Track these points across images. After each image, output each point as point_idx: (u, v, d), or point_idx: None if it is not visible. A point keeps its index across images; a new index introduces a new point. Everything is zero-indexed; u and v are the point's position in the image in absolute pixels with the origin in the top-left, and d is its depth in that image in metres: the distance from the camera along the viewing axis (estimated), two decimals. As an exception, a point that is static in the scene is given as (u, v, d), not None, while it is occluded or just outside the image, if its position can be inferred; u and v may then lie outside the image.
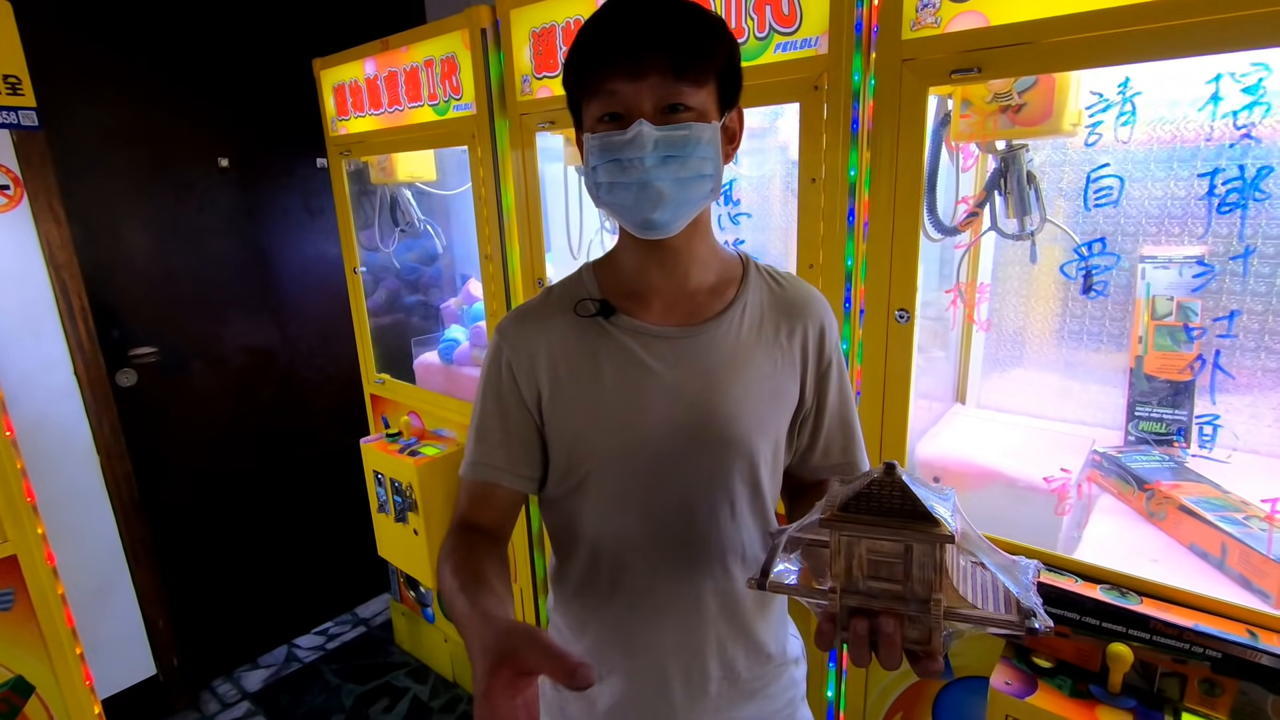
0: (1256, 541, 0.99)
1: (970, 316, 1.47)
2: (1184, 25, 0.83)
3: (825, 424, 0.89)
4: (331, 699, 2.38)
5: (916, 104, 1.05)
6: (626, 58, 0.69)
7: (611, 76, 0.69)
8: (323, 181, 2.52)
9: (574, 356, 0.81)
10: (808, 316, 0.86)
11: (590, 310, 0.81)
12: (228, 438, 2.45)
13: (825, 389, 0.88)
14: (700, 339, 0.81)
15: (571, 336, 0.81)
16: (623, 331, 0.81)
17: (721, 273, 0.85)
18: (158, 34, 2.13)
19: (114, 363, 2.14)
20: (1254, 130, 0.99)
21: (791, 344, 0.85)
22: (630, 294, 0.82)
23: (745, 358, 0.82)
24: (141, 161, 2.16)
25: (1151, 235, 1.29)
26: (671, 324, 0.81)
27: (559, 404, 0.81)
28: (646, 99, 0.70)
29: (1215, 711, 0.92)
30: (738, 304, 0.83)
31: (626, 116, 0.70)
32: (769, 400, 0.84)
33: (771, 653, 0.92)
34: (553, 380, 0.81)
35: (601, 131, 0.72)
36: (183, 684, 2.39)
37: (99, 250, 2.09)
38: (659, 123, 0.70)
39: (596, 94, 0.71)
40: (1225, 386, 1.24)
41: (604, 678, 0.88)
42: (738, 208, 1.57)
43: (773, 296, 0.86)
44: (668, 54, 0.69)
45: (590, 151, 0.74)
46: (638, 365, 0.79)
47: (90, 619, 2.09)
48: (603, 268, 0.87)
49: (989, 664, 1.07)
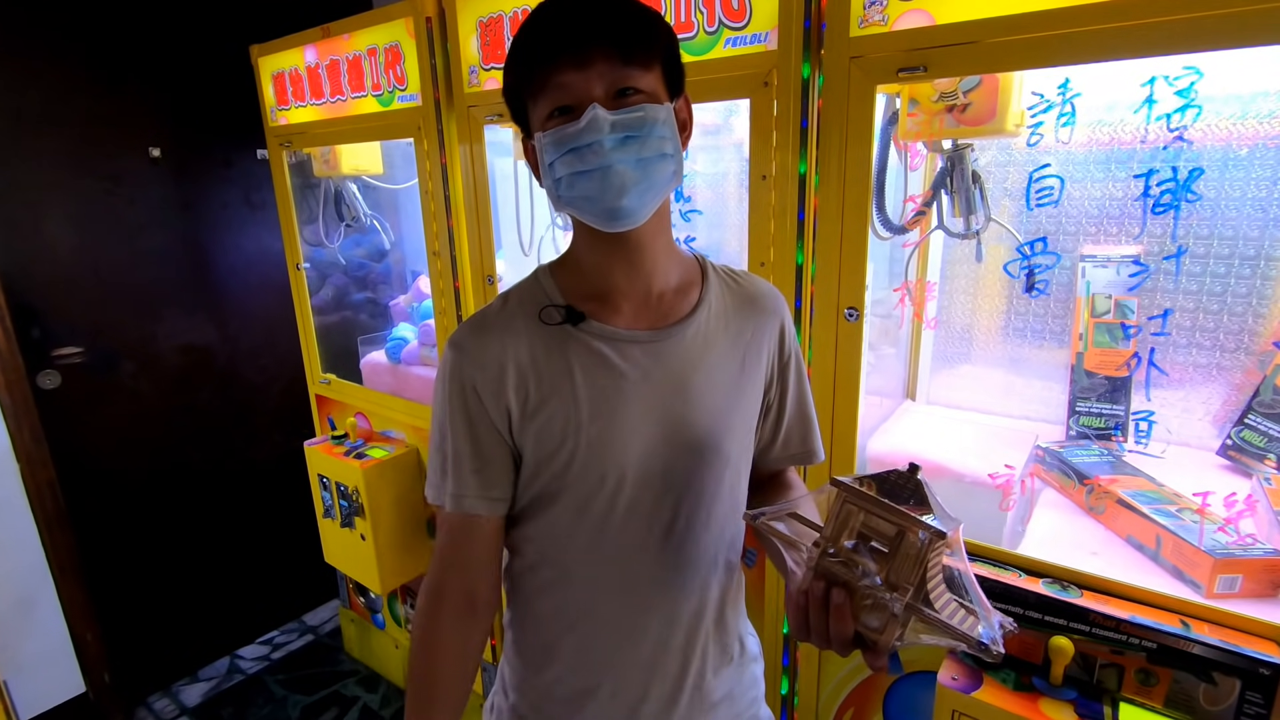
0: (1189, 533, 1.02)
1: (919, 314, 1.49)
2: (1122, 28, 0.85)
3: (786, 417, 0.90)
4: (277, 711, 2.29)
5: (864, 102, 1.05)
6: (570, 49, 0.67)
7: (557, 69, 0.67)
8: (264, 174, 2.41)
9: (542, 366, 0.77)
10: (767, 313, 0.86)
11: (557, 318, 0.78)
12: (163, 441, 2.34)
13: (786, 382, 0.89)
14: (671, 342, 0.79)
15: (539, 346, 0.77)
16: (593, 337, 0.77)
17: (683, 273, 0.83)
18: (79, 13, 2.01)
19: (35, 364, 2.02)
20: (1186, 133, 1.01)
21: (755, 341, 0.84)
22: (594, 297, 0.79)
23: (714, 360, 0.81)
24: (63, 150, 2.03)
25: (1091, 235, 1.33)
26: (642, 327, 0.79)
27: (532, 419, 0.77)
28: (596, 85, 0.68)
29: (1151, 700, 0.95)
30: (703, 305, 0.82)
31: (577, 107, 0.68)
32: (738, 401, 0.83)
33: (735, 653, 0.91)
34: (521, 393, 0.77)
35: (553, 127, 0.69)
36: (115, 701, 2.27)
37: (17, 244, 1.96)
38: (612, 108, 0.68)
39: (544, 90, 0.69)
40: (1159, 382, 1.28)
41: (575, 699, 0.84)
42: (689, 204, 1.55)
43: (732, 295, 0.85)
44: (612, 39, 0.67)
45: (544, 149, 0.71)
46: (611, 372, 0.77)
47: (11, 636, 1.97)
48: (560, 271, 0.83)
49: (937, 660, 1.08)
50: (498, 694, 0.93)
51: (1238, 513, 1.04)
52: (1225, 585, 0.97)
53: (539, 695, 0.87)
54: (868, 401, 1.24)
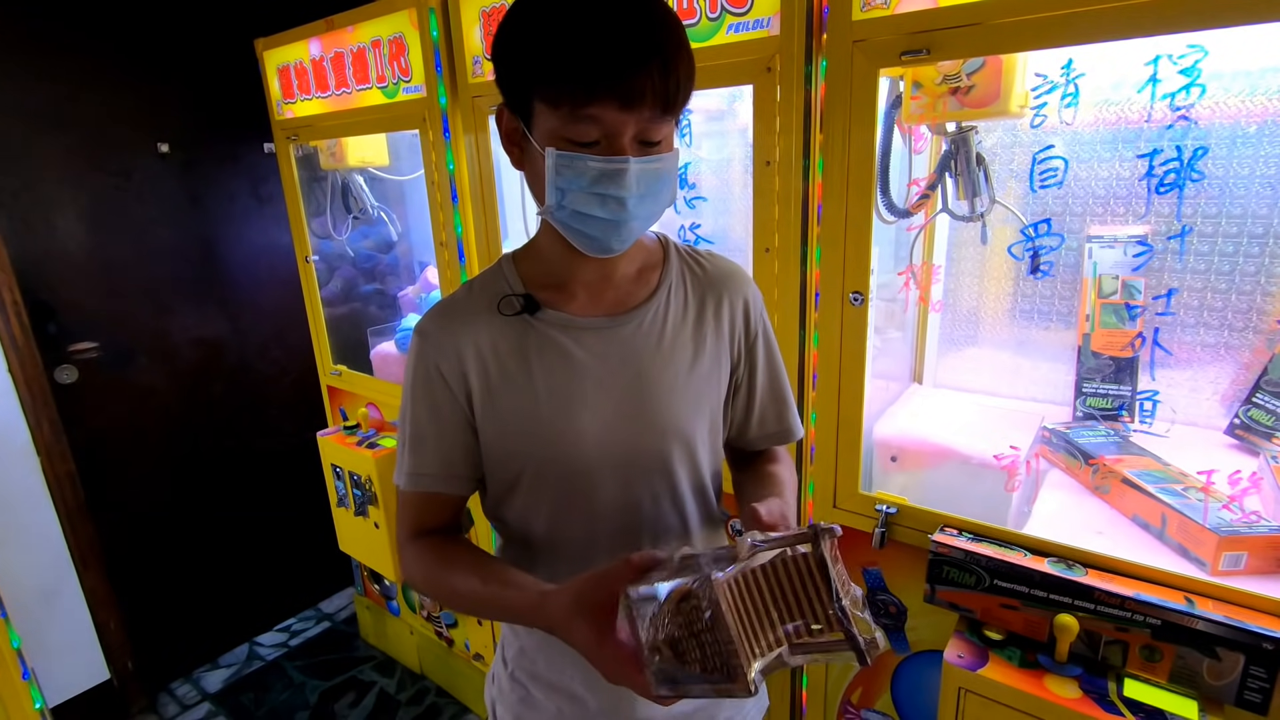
0: (1194, 512, 1.02)
1: (924, 298, 1.49)
2: (1125, 7, 0.84)
3: (758, 396, 0.90)
4: (296, 696, 2.34)
5: (867, 86, 1.05)
6: (621, 83, 0.62)
7: (600, 100, 0.63)
8: (271, 167, 2.42)
9: (503, 356, 0.78)
10: (732, 292, 0.86)
11: (515, 308, 0.79)
12: (179, 433, 2.37)
13: (755, 361, 0.89)
14: (629, 327, 0.80)
15: (498, 335, 0.78)
16: (550, 326, 0.78)
17: (644, 258, 0.84)
18: (89, 11, 2.02)
19: (52, 359, 2.05)
20: (1190, 112, 1.01)
21: (719, 321, 0.84)
22: (554, 285, 0.80)
23: (675, 342, 0.81)
24: (74, 147, 2.05)
25: (1098, 215, 1.32)
26: (599, 314, 0.80)
27: (491, 405, 0.79)
28: (631, 130, 0.65)
29: (1155, 676, 0.96)
30: (663, 288, 0.82)
31: (604, 145, 0.66)
32: (703, 382, 0.83)
33: None
34: (483, 381, 0.78)
35: (570, 151, 0.66)
36: (139, 687, 2.33)
37: (31, 241, 1.99)
38: (636, 153, 0.66)
39: (574, 113, 0.64)
40: (1164, 362, 1.28)
41: (563, 659, 0.86)
42: (694, 191, 1.56)
43: (695, 276, 0.85)
44: (664, 81, 0.63)
45: (559, 171, 0.67)
46: (568, 360, 0.78)
47: (36, 625, 2.02)
48: (524, 259, 0.84)
49: (943, 638, 1.10)
50: (497, 664, 0.96)
51: (1242, 490, 1.05)
52: (1230, 562, 0.98)
53: (532, 661, 0.89)
54: (874, 385, 1.25)
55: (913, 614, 1.23)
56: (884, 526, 1.19)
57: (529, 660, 0.89)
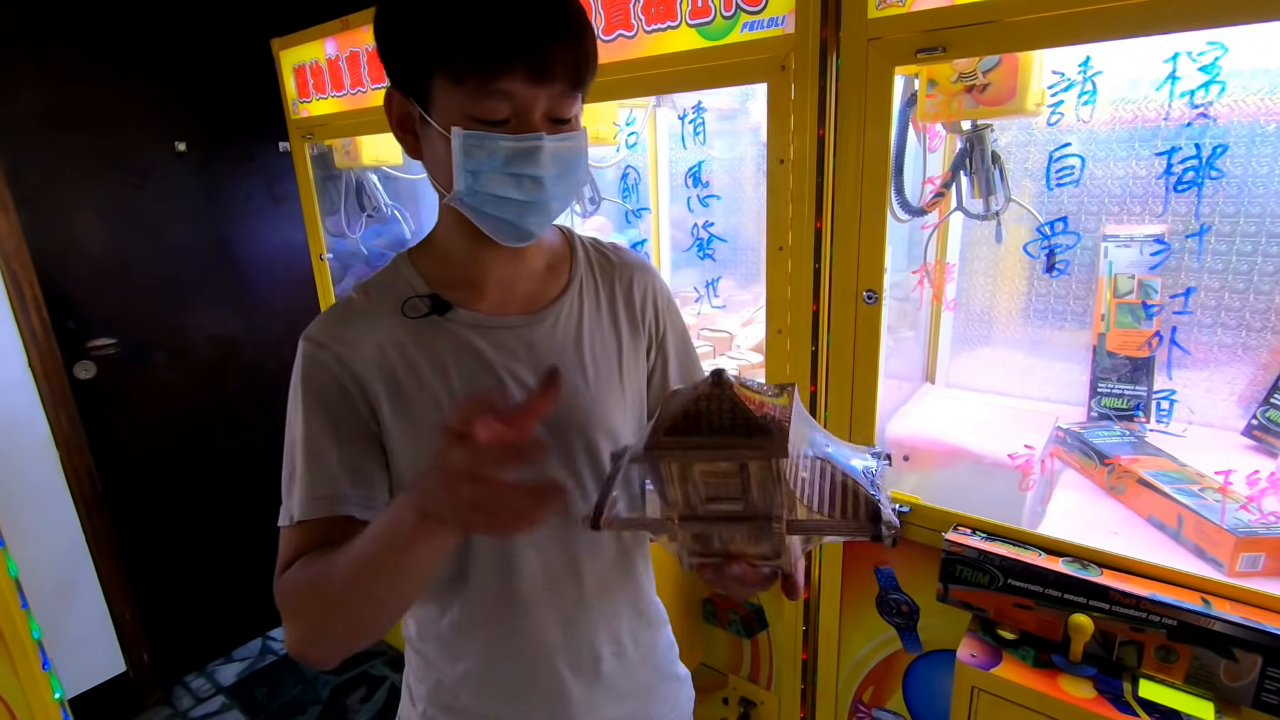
0: (1210, 512, 1.02)
1: (938, 297, 1.48)
2: (1144, 3, 0.84)
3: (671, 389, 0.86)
4: (308, 690, 2.36)
5: (882, 84, 1.05)
6: (530, 56, 0.59)
7: (510, 74, 0.60)
8: (286, 166, 2.45)
9: (413, 361, 0.71)
10: (640, 285, 0.84)
11: (422, 309, 0.72)
12: (194, 429, 2.40)
13: (666, 354, 0.87)
14: (545, 325, 0.76)
15: (406, 339, 0.72)
16: (461, 328, 0.73)
17: (552, 253, 0.81)
18: (107, 12, 2.05)
19: (71, 354, 2.08)
20: (1210, 109, 1.00)
21: (631, 312, 0.83)
22: (461, 284, 0.75)
23: (594, 337, 0.79)
24: (93, 146, 2.08)
25: (1114, 214, 1.31)
26: (513, 312, 0.75)
27: (403, 416, 0.71)
28: (543, 106, 0.62)
29: (1170, 676, 0.95)
30: (574, 283, 0.80)
31: (515, 123, 0.62)
32: (623, 375, 0.81)
33: (650, 616, 0.90)
34: (392, 390, 0.71)
35: (478, 130, 0.62)
36: (154, 680, 2.35)
37: (50, 239, 2.02)
38: (549, 131, 0.63)
39: (481, 89, 0.60)
40: (1182, 362, 1.28)
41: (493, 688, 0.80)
42: (707, 190, 1.56)
43: (604, 271, 0.83)
44: (573, 57, 0.61)
45: (468, 152, 0.63)
46: (484, 362, 0.73)
47: (54, 616, 2.05)
48: (423, 257, 0.77)
49: (956, 637, 1.09)
50: (405, 706, 0.88)
51: (1260, 491, 1.04)
52: (1248, 563, 0.97)
53: (453, 695, 0.81)
54: (886, 384, 1.24)
55: (925, 613, 1.23)
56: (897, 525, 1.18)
57: (449, 695, 0.81)
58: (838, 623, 1.34)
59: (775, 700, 1.49)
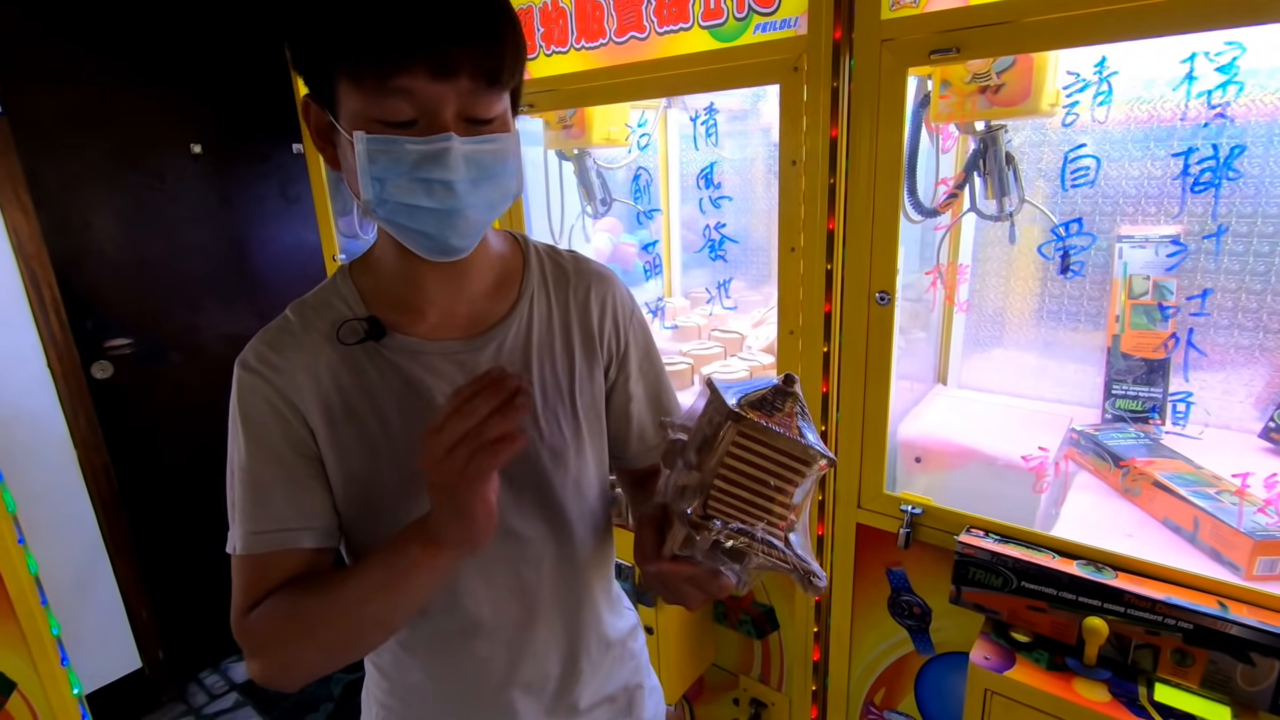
0: (1227, 515, 1.01)
1: (950, 298, 1.48)
2: (1160, 4, 0.83)
3: (634, 408, 0.82)
4: (320, 688, 2.38)
5: (896, 85, 1.05)
6: (430, 48, 0.55)
7: (409, 70, 0.55)
8: (299, 167, 2.47)
9: (347, 392, 0.68)
10: (597, 297, 0.79)
11: (358, 334, 0.69)
12: (208, 428, 2.42)
13: (628, 370, 0.81)
14: (489, 349, 0.72)
15: (339, 366, 0.68)
16: (398, 354, 0.69)
17: (501, 269, 0.75)
18: (124, 16, 2.07)
19: (89, 354, 2.11)
20: (1227, 110, 1.00)
21: (587, 330, 0.78)
22: (399, 304, 0.71)
23: (543, 359, 0.74)
24: (110, 149, 2.11)
25: (1129, 215, 1.30)
26: (454, 336, 0.71)
27: (337, 447, 0.68)
28: (450, 104, 0.57)
29: (1186, 680, 0.94)
30: (523, 301, 0.75)
31: (421, 122, 0.58)
32: (575, 399, 0.76)
33: (609, 639, 0.86)
34: (326, 419, 0.68)
35: (384, 134, 0.57)
36: (169, 676, 2.38)
37: (69, 240, 2.05)
38: (461, 133, 0.58)
39: (380, 88, 0.56)
40: (1198, 364, 1.27)
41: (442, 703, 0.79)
42: (719, 191, 1.56)
43: (558, 283, 0.78)
44: (478, 52, 0.56)
45: (372, 158, 0.58)
46: (420, 390, 0.69)
47: (72, 613, 2.07)
48: (363, 272, 0.73)
49: (969, 640, 1.09)
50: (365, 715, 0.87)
51: (1278, 494, 1.03)
52: (1265, 567, 0.96)
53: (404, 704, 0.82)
54: (898, 386, 1.24)
55: (938, 615, 1.23)
56: (909, 527, 1.18)
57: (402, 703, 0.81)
58: (849, 624, 1.34)
59: (786, 701, 1.49)
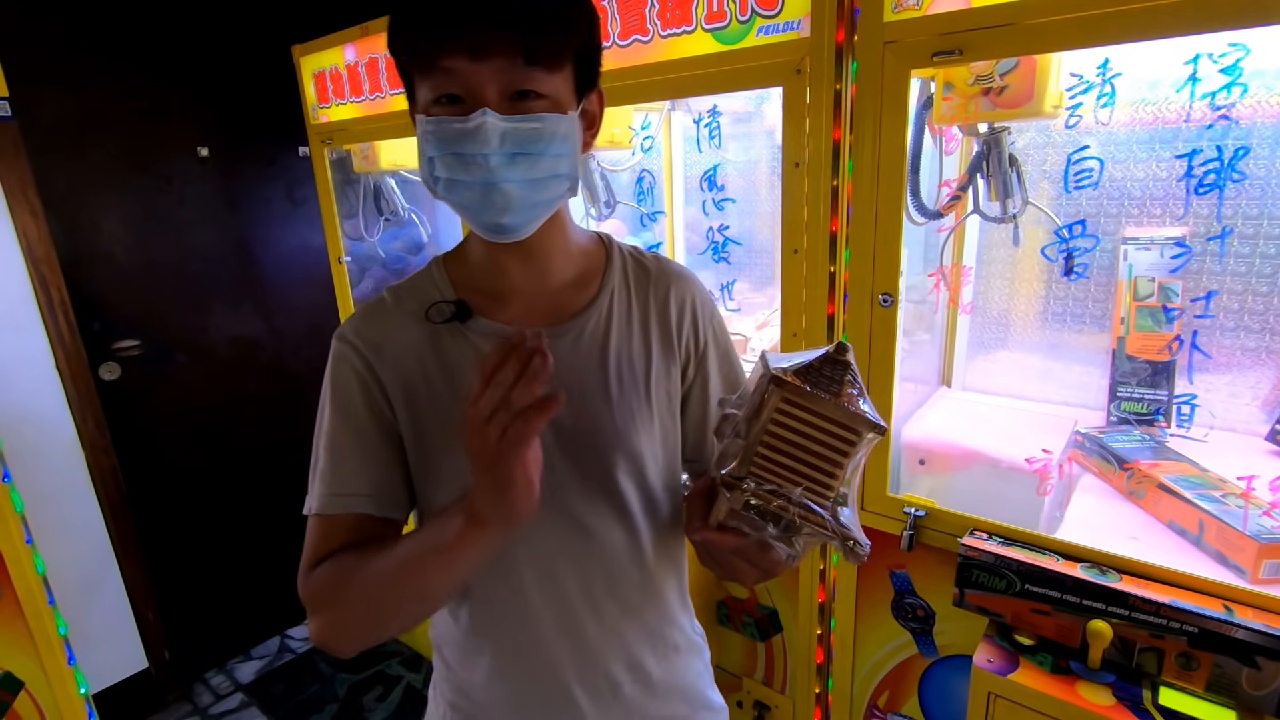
0: (1233, 518, 1.00)
1: (954, 300, 1.48)
2: (1163, 5, 0.83)
3: (712, 410, 0.82)
4: (325, 689, 2.39)
5: (899, 87, 1.05)
6: (462, 32, 0.58)
7: (447, 52, 0.58)
8: (305, 170, 2.48)
9: (430, 369, 0.72)
10: (677, 296, 0.80)
11: (445, 314, 0.72)
12: (215, 429, 2.44)
13: (706, 371, 0.82)
14: (568, 338, 0.74)
15: (425, 346, 0.72)
16: (482, 337, 0.72)
17: (584, 264, 0.78)
18: (131, 20, 2.09)
19: (97, 356, 2.12)
20: (1231, 111, 0.99)
21: (665, 328, 0.79)
22: (486, 292, 0.74)
23: (619, 352, 0.76)
24: (119, 152, 2.12)
25: (1134, 217, 1.30)
26: (535, 324, 0.73)
27: (418, 423, 0.72)
28: (490, 83, 0.59)
29: (1192, 684, 0.94)
30: (604, 295, 0.77)
31: (468, 100, 0.60)
32: (650, 394, 0.77)
33: (679, 644, 0.87)
34: (407, 395, 0.71)
35: (437, 114, 0.61)
36: (175, 676, 2.39)
37: (78, 243, 2.06)
38: (506, 111, 0.60)
39: (430, 70, 0.60)
40: (1203, 366, 1.26)
41: (506, 701, 0.80)
42: (722, 193, 1.56)
43: (639, 281, 0.80)
44: (514, 32, 0.58)
45: (425, 138, 0.63)
46: None
47: (79, 613, 2.08)
48: (455, 261, 0.77)
49: (972, 643, 1.09)
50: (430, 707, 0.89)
51: (1285, 497, 1.03)
52: (1271, 570, 0.95)
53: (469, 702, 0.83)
54: (902, 388, 1.24)
55: (941, 618, 1.23)
56: (912, 529, 1.18)
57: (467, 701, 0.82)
58: (853, 626, 1.33)
59: (790, 704, 1.49)
